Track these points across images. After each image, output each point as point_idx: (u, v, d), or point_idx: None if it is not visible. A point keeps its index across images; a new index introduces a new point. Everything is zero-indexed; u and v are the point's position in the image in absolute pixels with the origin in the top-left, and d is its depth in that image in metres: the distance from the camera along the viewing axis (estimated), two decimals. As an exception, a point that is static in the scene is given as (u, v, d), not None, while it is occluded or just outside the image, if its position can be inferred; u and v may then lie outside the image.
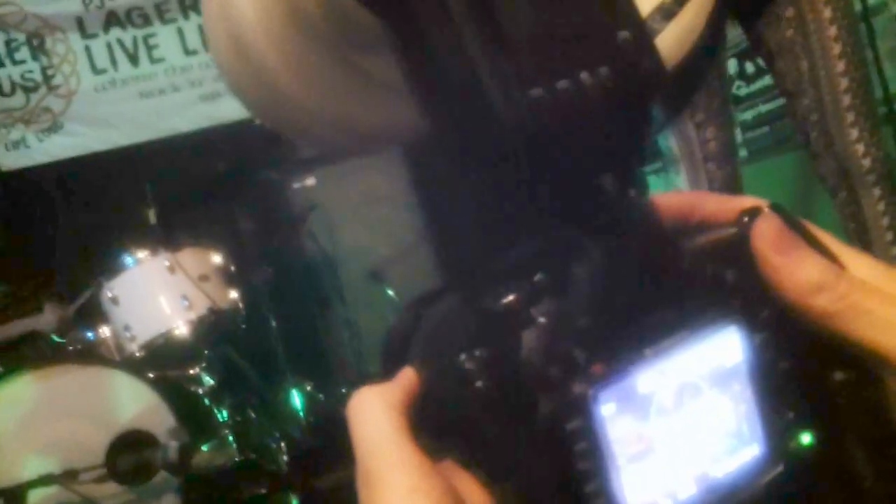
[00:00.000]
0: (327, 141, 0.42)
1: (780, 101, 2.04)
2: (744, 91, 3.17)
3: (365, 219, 3.91)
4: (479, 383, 0.30)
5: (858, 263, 0.35)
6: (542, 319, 0.30)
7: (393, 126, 0.39)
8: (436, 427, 0.33)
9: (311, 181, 3.65)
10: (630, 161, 0.34)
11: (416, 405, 0.33)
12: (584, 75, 0.31)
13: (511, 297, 0.31)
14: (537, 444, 0.30)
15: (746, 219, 0.35)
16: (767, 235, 0.34)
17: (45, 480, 1.97)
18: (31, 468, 2.05)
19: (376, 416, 0.32)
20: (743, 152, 3.15)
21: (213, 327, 2.61)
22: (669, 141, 1.67)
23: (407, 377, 0.34)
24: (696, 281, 0.34)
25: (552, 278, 0.31)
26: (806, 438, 0.34)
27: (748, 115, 3.21)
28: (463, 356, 0.31)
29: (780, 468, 0.34)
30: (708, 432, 0.33)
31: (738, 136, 3.15)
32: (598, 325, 0.31)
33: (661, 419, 0.32)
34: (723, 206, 0.37)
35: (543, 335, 0.30)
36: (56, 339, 2.64)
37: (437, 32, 0.30)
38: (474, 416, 0.31)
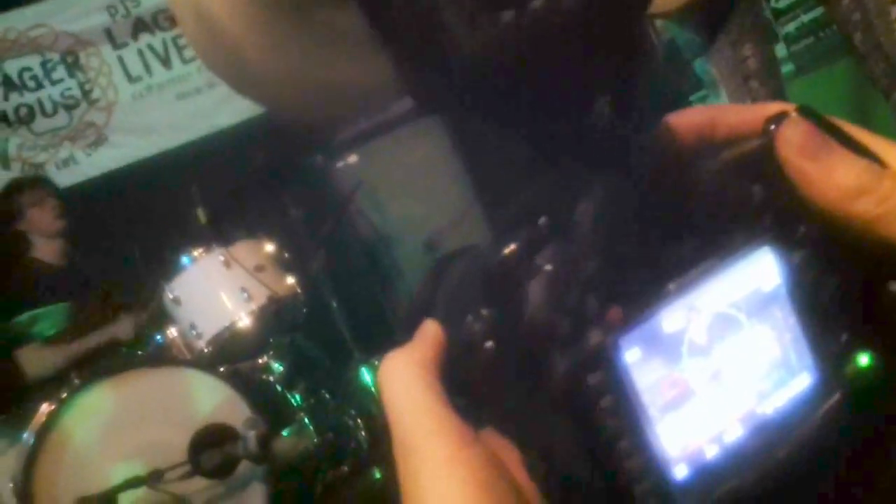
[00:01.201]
0: (303, 108, 0.39)
1: (822, 9, 1.94)
2: (783, 3, 3.03)
3: (413, 190, 3.88)
4: (487, 344, 0.28)
5: None
6: (547, 267, 0.27)
7: (366, 81, 0.37)
8: (465, 387, 0.30)
9: (353, 159, 3.64)
10: (627, 81, 0.30)
11: (446, 360, 0.30)
12: None
13: (510, 247, 0.28)
14: (558, 404, 0.27)
15: (773, 127, 0.31)
16: (794, 140, 0.30)
17: (132, 483, 2.02)
18: (120, 475, 2.09)
19: (407, 381, 0.30)
20: (789, 66, 3.02)
21: (275, 315, 2.63)
22: (708, 64, 1.60)
23: (431, 331, 0.31)
24: (719, 203, 0.30)
25: (556, 221, 0.28)
26: (864, 360, 0.31)
27: (791, 28, 3.07)
28: (470, 317, 0.29)
29: (837, 396, 0.30)
30: (750, 367, 0.30)
31: (783, 50, 3.02)
32: (612, 266, 0.28)
33: (696, 359, 0.29)
34: (746, 116, 0.33)
35: (550, 284, 0.27)
36: (135, 342, 2.69)
37: None
38: (487, 380, 0.28)
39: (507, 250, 0.28)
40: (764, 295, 0.30)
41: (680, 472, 0.28)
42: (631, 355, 0.27)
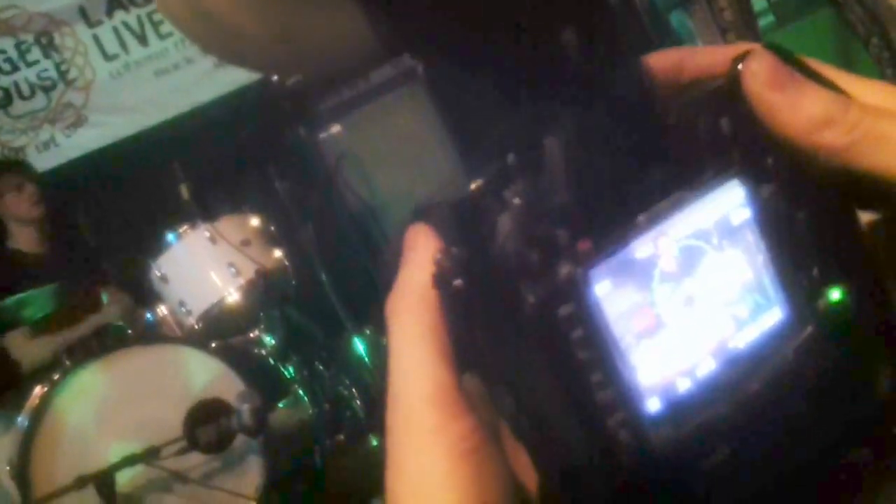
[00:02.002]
0: (280, 66, 0.39)
1: (801, -43, 1.92)
2: (761, -46, 3.01)
3: (399, 159, 3.86)
4: (456, 282, 0.28)
5: (871, 91, 0.31)
6: (515, 201, 0.27)
7: (348, 40, 0.36)
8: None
9: (337, 129, 3.62)
10: (592, 11, 0.30)
11: None
12: None
13: (477, 182, 0.28)
14: (529, 337, 0.27)
15: (740, 65, 0.31)
16: (759, 74, 0.30)
17: (128, 461, 2.03)
18: (116, 453, 2.11)
19: (416, 334, 0.29)
20: (770, 18, 3.01)
21: (264, 289, 2.63)
22: (684, 17, 1.59)
23: (425, 243, 0.29)
24: (688, 137, 0.30)
25: (525, 157, 0.28)
26: (836, 295, 0.30)
27: (769, -21, 3.06)
28: (438, 256, 0.28)
29: (809, 331, 0.30)
30: (720, 299, 0.30)
31: (763, 2, 3.00)
32: (581, 199, 0.28)
33: (666, 290, 0.29)
34: (714, 56, 0.33)
35: (519, 218, 0.27)
36: (123, 325, 2.69)
37: None
38: (457, 319, 0.28)
39: (473, 186, 0.28)
40: (734, 228, 0.30)
41: (653, 405, 0.28)
42: (601, 287, 0.27)
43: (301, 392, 2.65)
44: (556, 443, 0.27)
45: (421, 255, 0.29)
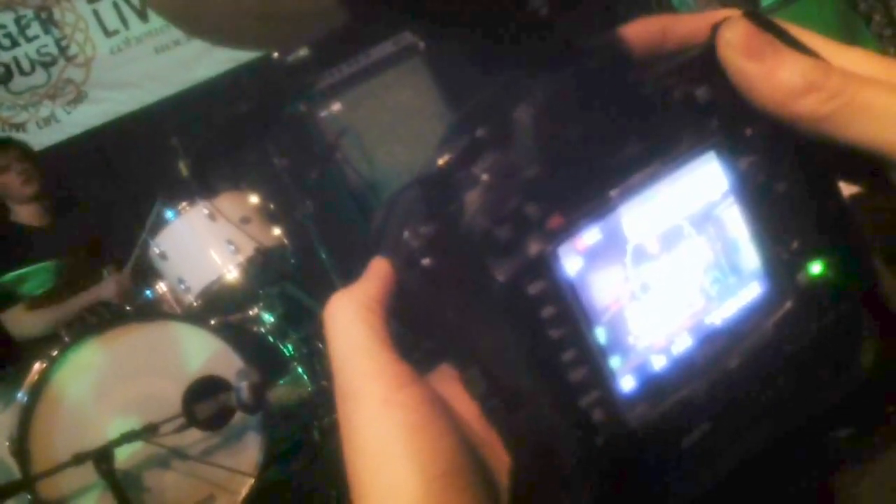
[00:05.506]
0: (246, 35, 0.38)
1: (805, -67, 1.89)
2: (766, -70, 2.97)
3: (398, 135, 3.84)
4: (425, 261, 0.27)
5: (854, 59, 0.30)
6: (484, 177, 0.26)
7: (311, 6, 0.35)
8: (411, 318, 0.30)
9: (337, 107, 3.60)
10: None
11: (394, 296, 0.30)
12: None
13: (445, 158, 0.27)
14: (500, 317, 0.26)
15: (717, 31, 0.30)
16: (735, 41, 0.29)
17: (127, 438, 2.03)
18: (115, 429, 2.11)
19: (348, 323, 0.29)
20: (774, -4, 2.99)
21: (263, 267, 2.63)
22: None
23: (378, 266, 0.30)
24: (663, 108, 0.29)
25: (494, 130, 0.27)
26: (816, 268, 0.30)
27: (774, -44, 3.02)
28: (406, 234, 0.28)
29: (788, 305, 0.30)
30: (696, 275, 0.29)
31: (767, -21, 2.97)
32: (553, 173, 0.27)
33: (640, 268, 0.28)
34: (697, 24, 0.32)
35: (488, 193, 0.26)
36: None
37: None
38: (427, 298, 0.28)
39: (441, 161, 0.27)
40: (711, 202, 0.29)
41: (627, 384, 0.27)
42: (572, 264, 0.26)
43: (300, 369, 2.65)
44: (528, 424, 0.27)
45: (371, 274, 0.30)
